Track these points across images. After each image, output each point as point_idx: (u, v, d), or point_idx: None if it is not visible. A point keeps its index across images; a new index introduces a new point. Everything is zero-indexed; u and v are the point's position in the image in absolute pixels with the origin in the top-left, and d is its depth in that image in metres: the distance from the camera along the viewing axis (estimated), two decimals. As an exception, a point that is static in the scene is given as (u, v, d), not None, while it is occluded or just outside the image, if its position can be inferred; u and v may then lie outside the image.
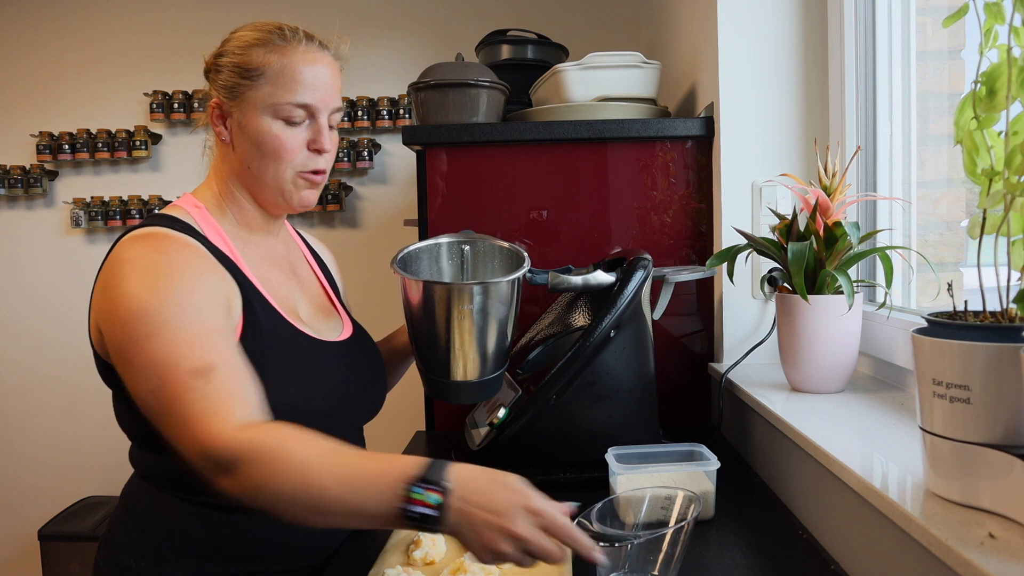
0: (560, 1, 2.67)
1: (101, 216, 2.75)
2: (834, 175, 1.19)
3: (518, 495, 0.74)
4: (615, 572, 0.79)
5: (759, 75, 1.47)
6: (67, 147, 2.75)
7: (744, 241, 1.27)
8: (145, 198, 2.78)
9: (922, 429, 0.72)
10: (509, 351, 1.15)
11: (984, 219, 0.69)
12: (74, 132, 2.77)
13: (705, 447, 1.08)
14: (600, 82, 1.59)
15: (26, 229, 2.86)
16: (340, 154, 2.60)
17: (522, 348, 1.34)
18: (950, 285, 0.76)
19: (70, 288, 2.82)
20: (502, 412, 1.20)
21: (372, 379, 1.14)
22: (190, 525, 0.96)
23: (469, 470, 0.76)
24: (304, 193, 1.05)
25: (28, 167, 2.79)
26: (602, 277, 1.20)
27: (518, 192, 1.58)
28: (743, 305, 1.50)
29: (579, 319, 1.23)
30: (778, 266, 1.24)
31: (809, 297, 1.15)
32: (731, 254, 1.27)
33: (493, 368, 1.12)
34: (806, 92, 1.47)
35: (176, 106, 2.72)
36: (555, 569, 0.89)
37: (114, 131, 2.76)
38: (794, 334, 1.19)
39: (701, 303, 1.59)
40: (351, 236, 2.77)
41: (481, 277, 1.21)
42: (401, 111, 2.65)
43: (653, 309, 1.35)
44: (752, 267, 1.49)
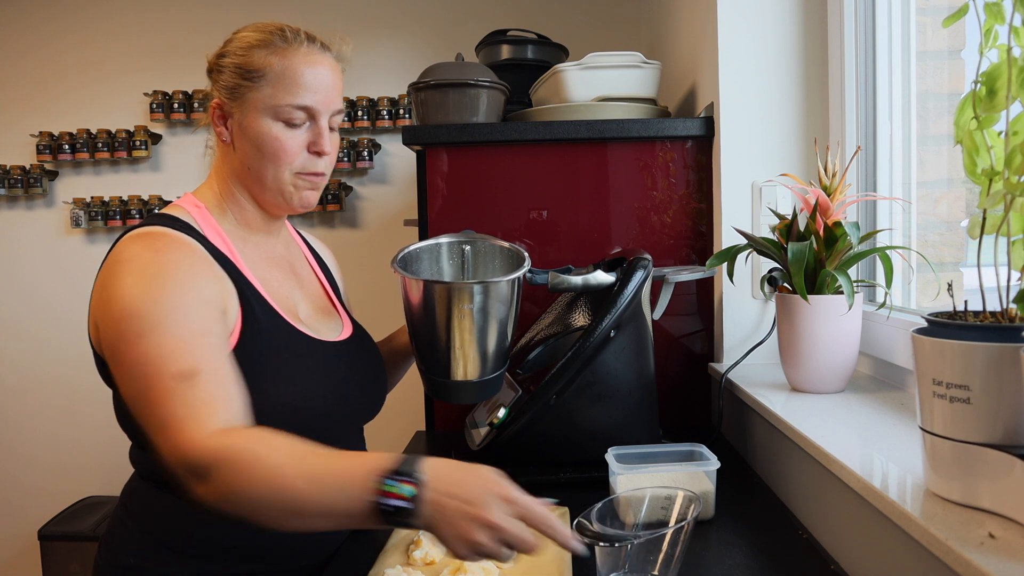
0: (560, 1, 2.66)
1: (101, 216, 2.75)
2: (834, 175, 1.19)
3: (492, 484, 0.73)
4: (615, 572, 0.79)
5: (759, 75, 1.47)
6: (67, 147, 2.75)
7: (744, 241, 1.27)
8: (145, 198, 2.78)
9: (922, 429, 0.72)
10: (509, 351, 1.15)
11: (984, 219, 0.69)
12: (74, 132, 2.77)
13: (705, 447, 1.08)
14: (600, 82, 1.59)
15: (26, 229, 2.86)
16: (340, 154, 2.60)
17: (522, 348, 1.34)
18: (950, 285, 0.76)
19: (70, 288, 2.82)
20: (502, 412, 1.20)
21: (372, 379, 1.14)
22: (190, 525, 0.96)
23: (442, 463, 0.75)
24: (305, 194, 1.05)
25: (28, 167, 2.79)
26: (602, 277, 1.20)
27: (518, 192, 1.58)
28: (743, 305, 1.50)
29: (579, 319, 1.23)
30: (778, 266, 1.25)
31: (809, 297, 1.15)
32: (731, 254, 1.27)
33: (493, 368, 1.12)
34: (806, 92, 1.47)
35: (176, 106, 2.72)
36: (555, 569, 0.89)
37: (114, 131, 2.76)
38: (794, 334, 1.19)
39: (701, 303, 1.59)
40: (351, 236, 2.77)
41: (481, 277, 1.21)
42: (401, 111, 2.65)
43: (653, 309, 1.35)
44: (752, 267, 1.49)
